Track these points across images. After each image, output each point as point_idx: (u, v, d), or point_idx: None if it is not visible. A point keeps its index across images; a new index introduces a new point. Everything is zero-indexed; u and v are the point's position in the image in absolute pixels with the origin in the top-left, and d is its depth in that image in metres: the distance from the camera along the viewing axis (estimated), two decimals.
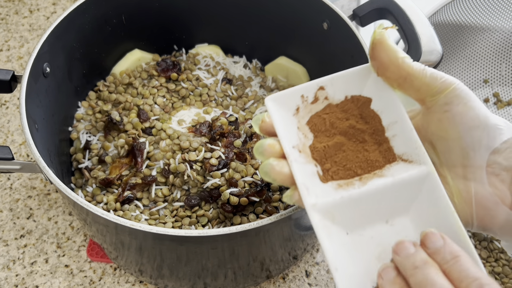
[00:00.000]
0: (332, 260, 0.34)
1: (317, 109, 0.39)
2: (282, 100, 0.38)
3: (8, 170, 0.52)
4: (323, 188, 0.36)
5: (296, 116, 0.39)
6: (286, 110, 0.38)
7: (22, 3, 0.93)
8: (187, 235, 0.45)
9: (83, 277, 0.65)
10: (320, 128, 0.39)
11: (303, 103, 0.39)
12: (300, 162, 0.36)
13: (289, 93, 0.38)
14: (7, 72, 0.55)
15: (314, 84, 0.39)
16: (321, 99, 0.39)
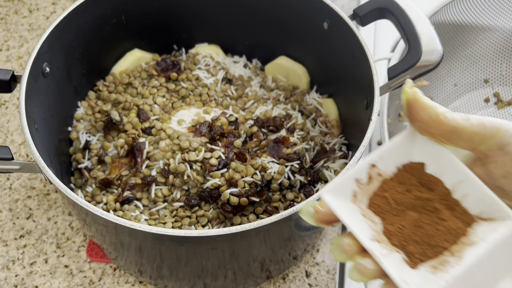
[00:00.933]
0: None
1: (373, 188, 0.37)
2: (338, 190, 0.36)
3: (7, 170, 0.52)
4: (419, 275, 0.33)
5: (355, 203, 0.36)
6: (344, 199, 0.36)
7: (21, 2, 0.93)
8: (187, 235, 0.44)
9: (83, 277, 0.65)
10: (385, 209, 0.36)
11: (358, 186, 0.36)
12: (384, 255, 0.33)
13: (343, 181, 0.36)
14: (6, 72, 0.55)
15: (365, 164, 0.36)
16: (375, 177, 0.37)
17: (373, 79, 0.55)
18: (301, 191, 0.61)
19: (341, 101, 0.69)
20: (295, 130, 0.66)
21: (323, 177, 0.63)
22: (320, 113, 0.69)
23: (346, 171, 0.36)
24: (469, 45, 0.82)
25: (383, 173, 0.37)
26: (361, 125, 0.56)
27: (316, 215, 0.35)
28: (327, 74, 0.69)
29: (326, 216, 0.35)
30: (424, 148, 0.36)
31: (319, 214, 0.35)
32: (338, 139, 0.67)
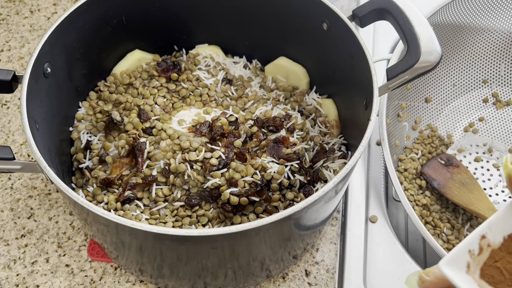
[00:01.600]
0: None
1: (483, 259, 0.38)
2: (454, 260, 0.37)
3: (9, 170, 0.52)
4: None
5: (469, 274, 0.38)
6: (459, 270, 0.38)
7: (23, 3, 0.93)
8: (187, 235, 0.45)
9: (84, 276, 0.65)
10: (499, 279, 0.37)
11: (471, 257, 0.38)
12: None
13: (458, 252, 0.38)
14: (8, 72, 0.55)
15: (476, 235, 0.38)
16: (485, 248, 0.38)
17: (372, 80, 0.55)
18: (301, 191, 0.62)
19: (340, 102, 0.69)
20: (294, 130, 0.67)
21: (323, 176, 0.63)
22: (319, 113, 0.70)
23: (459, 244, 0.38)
24: (467, 45, 0.82)
25: (492, 243, 0.38)
26: (360, 125, 0.57)
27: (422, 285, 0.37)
28: (326, 74, 0.69)
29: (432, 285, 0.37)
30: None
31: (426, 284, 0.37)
32: (337, 139, 0.68)
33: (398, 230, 0.76)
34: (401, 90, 0.79)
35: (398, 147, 0.77)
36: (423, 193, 0.74)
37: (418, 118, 0.82)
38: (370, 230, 0.70)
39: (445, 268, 0.37)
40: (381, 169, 0.76)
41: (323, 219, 0.59)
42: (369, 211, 0.71)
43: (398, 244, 0.68)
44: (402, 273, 0.66)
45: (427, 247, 0.74)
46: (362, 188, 0.73)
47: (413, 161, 0.76)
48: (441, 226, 0.70)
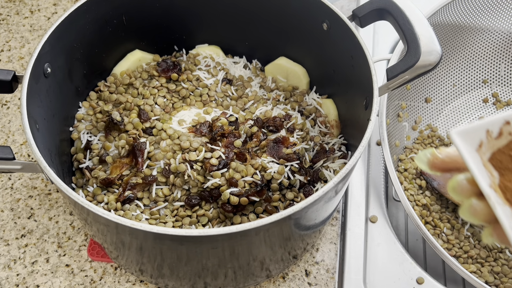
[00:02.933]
0: None
1: (499, 145, 0.37)
2: (468, 134, 0.37)
3: (9, 170, 0.52)
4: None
5: (478, 152, 0.37)
6: (470, 144, 0.37)
7: (23, 3, 0.93)
8: (187, 235, 0.45)
9: (84, 276, 0.65)
10: (506, 166, 0.37)
11: (487, 138, 0.37)
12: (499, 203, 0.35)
13: (475, 127, 0.37)
14: (8, 73, 0.55)
15: (501, 119, 0.37)
16: (505, 135, 0.37)
17: (372, 80, 0.55)
18: (301, 191, 0.62)
19: (340, 102, 0.69)
20: (294, 130, 0.67)
21: (323, 177, 0.63)
22: (319, 113, 0.70)
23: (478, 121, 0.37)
24: (467, 46, 0.82)
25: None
26: (360, 125, 0.57)
27: (432, 161, 0.37)
28: (326, 74, 0.69)
29: (442, 163, 0.36)
30: None
31: (436, 161, 0.37)
32: (337, 139, 0.68)
33: (398, 230, 0.76)
34: (401, 90, 0.79)
35: (398, 147, 0.77)
36: (423, 193, 0.74)
37: (418, 118, 0.82)
38: (370, 230, 0.70)
39: (456, 137, 0.36)
40: (381, 169, 0.76)
41: (323, 219, 0.59)
42: (369, 211, 0.71)
43: (398, 244, 0.68)
44: (402, 273, 0.66)
45: (427, 247, 0.74)
46: (362, 188, 0.74)
47: (413, 161, 0.76)
48: (441, 226, 0.70)
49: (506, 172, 0.36)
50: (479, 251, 0.68)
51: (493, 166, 0.37)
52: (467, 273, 0.60)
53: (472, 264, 0.67)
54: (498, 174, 0.36)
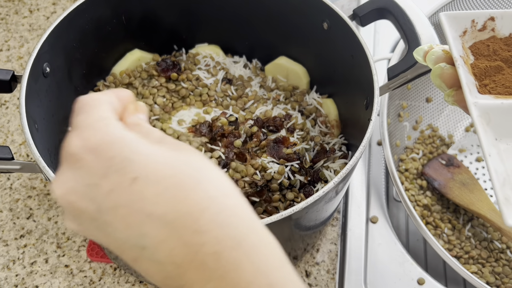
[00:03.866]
0: (486, 148, 0.37)
1: (481, 37, 0.42)
2: (455, 19, 0.41)
3: (8, 170, 0.52)
4: (482, 96, 0.39)
5: (461, 38, 0.42)
6: (455, 29, 0.41)
7: (22, 3, 0.93)
8: None
9: (83, 277, 0.65)
10: (482, 53, 0.41)
11: (471, 27, 0.42)
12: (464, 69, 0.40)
13: (462, 15, 0.41)
14: (7, 72, 0.55)
15: (486, 13, 0.42)
16: (488, 29, 0.42)
17: (373, 79, 0.55)
18: (301, 191, 0.61)
19: (341, 101, 0.69)
20: (295, 130, 0.66)
21: (323, 177, 0.63)
22: (320, 113, 0.69)
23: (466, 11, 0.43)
24: None
25: (496, 30, 0.42)
26: (360, 125, 0.56)
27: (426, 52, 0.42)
28: (327, 74, 0.69)
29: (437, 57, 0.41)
30: None
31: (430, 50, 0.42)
32: (338, 139, 0.68)
33: (399, 231, 0.76)
34: (402, 90, 0.79)
35: (399, 147, 0.77)
36: (424, 193, 0.73)
37: (419, 118, 0.82)
38: (371, 231, 0.69)
39: (444, 18, 0.41)
40: (382, 169, 0.76)
41: (324, 220, 0.59)
42: (370, 212, 0.71)
43: (399, 244, 0.68)
44: (403, 274, 0.65)
45: (428, 247, 0.73)
46: (363, 188, 0.73)
47: (414, 161, 0.76)
48: (442, 226, 0.70)
49: (480, 57, 0.42)
50: (480, 251, 0.68)
51: (472, 52, 0.42)
52: (468, 274, 0.60)
53: (473, 265, 0.67)
54: (474, 58, 0.42)
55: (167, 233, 0.27)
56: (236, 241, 0.27)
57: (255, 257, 0.28)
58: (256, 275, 0.27)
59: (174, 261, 0.27)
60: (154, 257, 0.28)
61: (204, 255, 0.27)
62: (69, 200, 0.29)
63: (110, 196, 0.28)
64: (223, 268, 0.27)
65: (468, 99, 0.39)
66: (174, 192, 0.27)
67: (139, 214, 0.27)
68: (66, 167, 0.29)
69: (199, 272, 0.27)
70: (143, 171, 0.27)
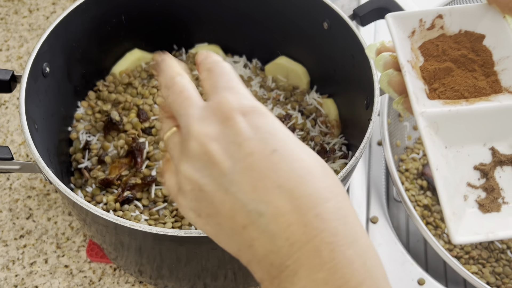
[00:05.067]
0: (433, 161, 0.36)
1: (431, 36, 0.41)
2: (402, 19, 0.41)
3: (7, 170, 0.52)
4: (430, 102, 0.39)
5: (410, 39, 0.41)
6: (403, 30, 0.41)
7: (21, 2, 0.93)
8: (187, 236, 0.44)
9: (83, 277, 0.65)
10: (432, 53, 0.41)
11: (419, 27, 0.41)
12: (412, 76, 0.39)
13: (409, 14, 0.41)
14: (6, 72, 0.55)
15: (434, 11, 0.41)
16: (437, 28, 0.41)
17: (373, 79, 0.55)
18: None
19: (341, 101, 0.69)
20: (295, 130, 0.66)
21: None
22: (320, 113, 0.69)
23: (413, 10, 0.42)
24: None
25: (446, 28, 0.41)
26: (361, 125, 0.56)
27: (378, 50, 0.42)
28: (327, 74, 0.69)
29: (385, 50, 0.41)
30: (490, 24, 0.40)
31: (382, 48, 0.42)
32: (338, 139, 0.67)
33: (399, 231, 0.75)
34: None
35: (399, 147, 0.77)
36: (424, 194, 0.73)
37: None
38: (371, 231, 0.69)
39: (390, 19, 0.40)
40: (382, 169, 0.76)
41: None
42: (370, 212, 0.71)
43: (399, 244, 0.68)
44: (403, 274, 0.65)
45: (428, 247, 0.73)
46: (363, 188, 0.73)
47: (414, 161, 0.76)
48: (442, 226, 0.69)
49: (430, 58, 0.41)
50: (481, 251, 0.68)
51: (421, 53, 0.41)
52: (469, 274, 0.60)
53: (473, 265, 0.67)
54: (423, 60, 0.41)
55: (290, 208, 0.28)
56: (352, 239, 0.28)
57: (367, 260, 0.29)
58: (366, 277, 0.28)
59: (288, 237, 0.28)
60: (269, 227, 0.28)
61: (321, 242, 0.27)
62: (209, 148, 0.30)
63: (248, 158, 0.29)
64: (336, 261, 0.27)
65: (415, 109, 0.38)
66: (305, 174, 0.28)
67: (270, 181, 0.28)
68: (216, 120, 0.30)
69: (311, 257, 0.27)
70: (282, 146, 0.29)
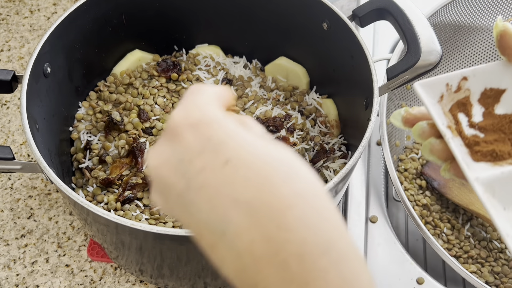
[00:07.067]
0: (502, 227, 0.36)
1: (458, 97, 0.42)
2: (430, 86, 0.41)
3: (9, 170, 0.52)
4: (477, 165, 0.38)
5: (440, 103, 0.41)
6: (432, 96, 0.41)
7: (22, 3, 0.93)
8: (187, 235, 0.45)
9: (84, 276, 0.65)
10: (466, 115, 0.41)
11: (447, 91, 0.41)
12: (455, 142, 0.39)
13: (436, 80, 0.41)
14: (8, 72, 0.55)
15: (459, 74, 0.41)
16: (463, 89, 0.42)
17: (373, 80, 0.55)
18: None
19: (340, 101, 0.69)
20: (294, 130, 0.67)
21: (323, 176, 0.63)
22: (319, 113, 0.70)
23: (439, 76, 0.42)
24: (467, 45, 0.82)
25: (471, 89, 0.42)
26: (360, 125, 0.57)
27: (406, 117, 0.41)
28: (326, 74, 0.69)
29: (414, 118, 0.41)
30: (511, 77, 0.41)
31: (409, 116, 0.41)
32: (337, 139, 0.68)
33: (398, 230, 0.76)
34: (401, 90, 0.79)
35: (398, 147, 0.77)
36: (423, 193, 0.73)
37: None
38: (370, 230, 0.70)
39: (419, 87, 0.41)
40: (381, 169, 0.76)
41: None
42: (369, 211, 0.71)
43: (398, 244, 0.68)
44: (402, 273, 0.66)
45: (427, 247, 0.74)
46: (362, 188, 0.73)
47: (413, 161, 0.76)
48: (441, 226, 0.70)
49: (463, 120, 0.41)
50: (480, 251, 0.68)
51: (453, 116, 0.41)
52: (467, 273, 0.60)
53: (472, 264, 0.67)
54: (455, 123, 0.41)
55: (250, 222, 0.26)
56: (325, 247, 0.26)
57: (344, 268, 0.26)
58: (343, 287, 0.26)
59: (253, 254, 0.26)
60: (233, 245, 0.26)
61: (287, 255, 0.25)
62: (161, 173, 0.29)
63: (200, 174, 0.27)
64: (307, 274, 0.25)
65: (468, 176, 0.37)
66: (263, 182, 0.26)
67: (225, 197, 0.27)
68: (165, 139, 0.30)
69: (278, 272, 0.25)
70: (235, 155, 0.27)
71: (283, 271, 0.25)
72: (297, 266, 0.25)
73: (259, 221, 0.26)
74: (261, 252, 0.26)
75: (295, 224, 0.26)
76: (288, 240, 0.25)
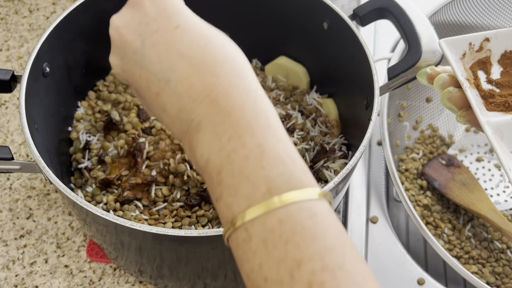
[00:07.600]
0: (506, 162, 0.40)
1: (479, 57, 0.46)
2: (454, 43, 0.45)
3: (7, 170, 0.52)
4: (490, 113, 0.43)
5: (462, 60, 0.45)
6: (455, 53, 0.45)
7: (21, 2, 0.93)
8: (187, 235, 0.44)
9: (83, 277, 0.65)
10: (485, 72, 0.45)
11: (469, 50, 0.45)
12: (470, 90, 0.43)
13: (460, 39, 0.46)
14: (6, 72, 0.55)
15: (481, 35, 0.45)
16: (485, 49, 0.45)
17: (373, 79, 0.55)
18: None
19: (341, 101, 0.69)
20: (295, 130, 0.66)
21: (323, 177, 0.63)
22: (320, 113, 0.69)
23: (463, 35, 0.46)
24: None
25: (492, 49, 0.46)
26: (361, 125, 0.56)
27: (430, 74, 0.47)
28: (327, 74, 0.69)
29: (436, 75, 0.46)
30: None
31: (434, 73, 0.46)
32: (338, 139, 0.67)
33: (399, 231, 0.76)
34: (402, 90, 0.79)
35: (399, 147, 0.77)
36: (424, 194, 0.73)
37: (419, 118, 0.82)
38: (371, 231, 0.69)
39: (444, 44, 0.45)
40: (382, 169, 0.76)
41: None
42: (370, 212, 0.71)
43: (399, 244, 0.68)
44: (403, 274, 0.65)
45: (428, 247, 0.73)
46: (363, 188, 0.73)
47: (414, 161, 0.76)
48: (442, 226, 0.70)
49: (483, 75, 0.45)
50: (481, 251, 0.68)
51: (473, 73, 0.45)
52: (468, 274, 0.60)
53: (473, 265, 0.67)
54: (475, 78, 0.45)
55: (191, 71, 0.33)
56: (246, 89, 0.33)
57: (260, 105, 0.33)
58: (257, 116, 0.32)
59: (191, 95, 0.33)
60: (176, 89, 0.34)
61: (217, 94, 0.33)
62: (121, 32, 0.38)
63: (154, 35, 0.35)
64: (230, 106, 0.32)
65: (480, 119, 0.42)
66: (205, 43, 0.35)
67: (173, 52, 0.34)
68: (127, 7, 0.38)
69: (209, 107, 0.33)
70: (185, 23, 0.35)
71: (213, 106, 0.33)
72: (223, 102, 0.32)
73: (199, 71, 0.34)
74: (197, 93, 0.33)
75: (226, 73, 0.34)
76: (219, 83, 0.33)
